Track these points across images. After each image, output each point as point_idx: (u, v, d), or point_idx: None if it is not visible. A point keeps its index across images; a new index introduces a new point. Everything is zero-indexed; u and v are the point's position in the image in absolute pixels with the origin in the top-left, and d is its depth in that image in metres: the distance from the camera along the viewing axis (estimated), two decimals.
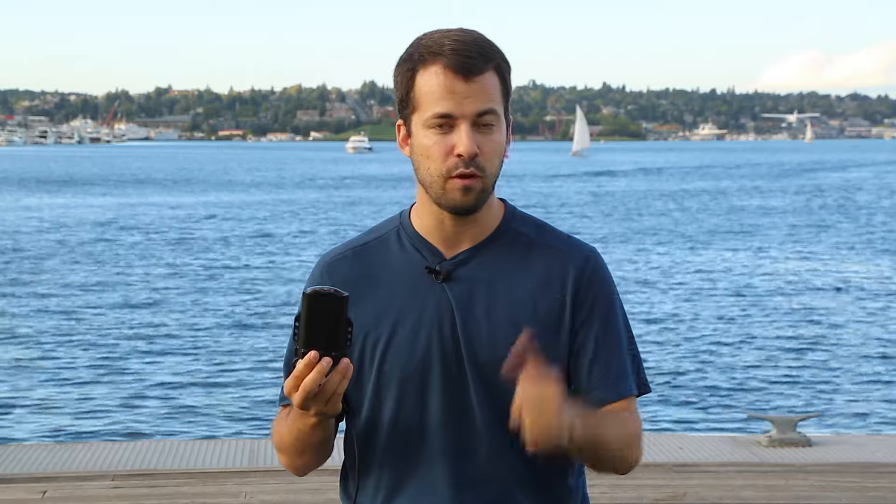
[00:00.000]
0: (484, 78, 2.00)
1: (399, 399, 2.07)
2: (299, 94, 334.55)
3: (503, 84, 2.03)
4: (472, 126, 1.99)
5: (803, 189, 60.52)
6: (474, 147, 1.98)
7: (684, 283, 22.19)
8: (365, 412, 2.10)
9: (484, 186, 2.02)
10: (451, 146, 1.99)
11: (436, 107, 2.00)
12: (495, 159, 2.03)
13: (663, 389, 12.88)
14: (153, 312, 18.33)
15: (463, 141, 1.98)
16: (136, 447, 6.99)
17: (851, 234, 33.75)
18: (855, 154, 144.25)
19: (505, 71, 2.04)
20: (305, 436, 2.01)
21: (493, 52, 2.03)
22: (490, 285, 2.07)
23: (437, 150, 2.00)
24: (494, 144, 2.02)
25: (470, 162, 1.99)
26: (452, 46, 2.00)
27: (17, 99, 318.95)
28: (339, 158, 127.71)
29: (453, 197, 2.01)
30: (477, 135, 2.00)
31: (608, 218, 40.24)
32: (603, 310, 2.09)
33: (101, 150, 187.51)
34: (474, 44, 2.01)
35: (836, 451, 6.84)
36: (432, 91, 2.00)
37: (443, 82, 1.99)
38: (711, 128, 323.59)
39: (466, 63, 1.99)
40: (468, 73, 1.99)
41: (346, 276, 2.12)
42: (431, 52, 2.01)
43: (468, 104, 1.99)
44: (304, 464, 2.10)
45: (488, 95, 2.00)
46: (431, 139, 2.01)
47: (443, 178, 2.01)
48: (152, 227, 35.59)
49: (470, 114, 1.99)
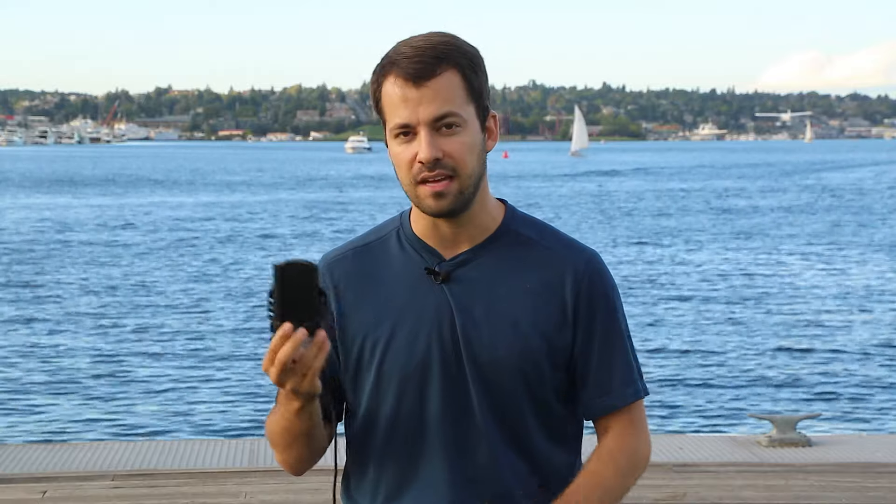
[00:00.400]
0: (438, 81, 1.98)
1: (398, 399, 2.07)
2: (299, 94, 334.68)
3: (467, 82, 2.01)
4: (431, 131, 1.98)
5: (803, 189, 60.51)
6: (434, 152, 1.97)
7: (684, 282, 22.19)
8: (364, 412, 2.10)
9: (460, 188, 2.00)
10: (414, 153, 1.99)
11: (395, 117, 2.00)
12: (468, 159, 2.00)
13: (664, 389, 12.88)
14: (154, 312, 18.33)
15: (421, 147, 1.98)
16: (136, 447, 6.98)
17: (852, 234, 33.75)
18: (856, 154, 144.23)
19: (468, 68, 2.01)
20: (291, 424, 1.99)
21: (451, 52, 2.00)
22: (490, 286, 2.06)
23: (403, 158, 2.00)
24: (459, 145, 1.99)
25: (434, 166, 1.98)
26: (406, 53, 1.99)
27: (17, 99, 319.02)
28: (338, 158, 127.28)
29: (427, 203, 2.01)
30: (439, 138, 1.98)
31: (606, 217, 40.23)
32: (604, 314, 2.08)
33: (101, 150, 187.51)
34: (430, 47, 1.99)
35: (836, 451, 6.83)
36: (391, 101, 2.00)
37: (397, 91, 1.99)
38: (711, 128, 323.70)
39: (415, 69, 1.97)
40: (418, 78, 1.97)
41: (346, 275, 2.12)
42: (390, 61, 2.00)
43: (422, 110, 1.97)
44: (295, 459, 2.08)
45: (444, 98, 1.98)
46: (398, 148, 2.01)
47: (413, 185, 2.00)
48: (154, 227, 35.58)
49: (425, 119, 1.98)
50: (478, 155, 2.02)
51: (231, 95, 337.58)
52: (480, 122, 2.04)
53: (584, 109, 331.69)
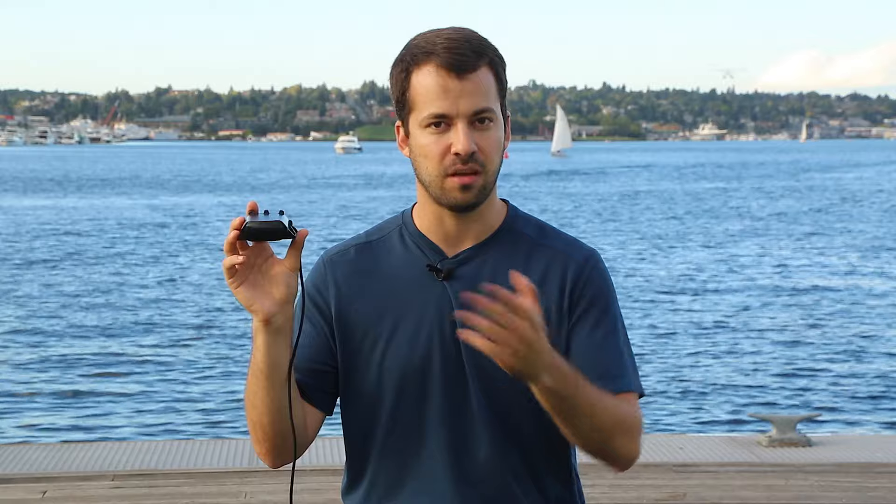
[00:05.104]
0: (477, 75, 2.00)
1: (399, 395, 2.07)
2: (299, 94, 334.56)
3: (498, 80, 2.03)
4: (469, 124, 2.00)
5: (804, 189, 60.52)
6: (472, 145, 1.99)
7: (684, 282, 22.19)
8: (363, 407, 2.10)
9: (484, 183, 2.02)
10: (447, 145, 2.00)
11: (431, 107, 2.00)
12: (495, 156, 2.03)
13: (663, 389, 12.88)
14: (154, 312, 18.33)
15: (460, 139, 1.98)
16: (136, 447, 6.98)
17: (852, 234, 33.74)
18: (853, 154, 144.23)
19: (499, 67, 2.04)
20: (257, 364, 1.97)
21: (486, 48, 2.02)
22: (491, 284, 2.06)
23: (434, 149, 2.01)
24: (492, 141, 2.02)
25: (468, 159, 1.99)
26: (445, 45, 1.99)
27: (17, 99, 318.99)
28: (329, 160, 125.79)
29: (453, 195, 2.01)
30: (474, 132, 2.00)
31: (603, 217, 40.26)
32: (600, 310, 2.07)
33: (101, 150, 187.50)
34: (466, 41, 2.00)
35: (836, 451, 6.83)
36: (427, 91, 2.00)
37: (436, 81, 1.99)
38: (711, 128, 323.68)
39: (459, 61, 1.99)
40: (461, 70, 1.99)
41: (348, 271, 2.13)
42: (424, 51, 2.01)
43: (463, 103, 1.99)
44: (264, 431, 2.01)
45: (483, 93, 2.00)
46: (428, 139, 2.01)
47: (441, 177, 2.01)
48: (155, 227, 35.58)
49: (465, 112, 1.99)
50: (500, 152, 2.05)
51: (231, 95, 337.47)
52: (504, 121, 2.06)
53: (585, 109, 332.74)
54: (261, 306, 1.94)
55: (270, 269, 1.96)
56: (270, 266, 1.96)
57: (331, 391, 2.12)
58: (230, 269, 1.93)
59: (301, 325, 2.03)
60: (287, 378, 2.00)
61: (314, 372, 2.09)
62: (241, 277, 1.94)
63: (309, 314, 2.11)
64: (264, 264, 1.96)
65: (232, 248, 1.92)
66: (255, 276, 1.95)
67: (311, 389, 2.09)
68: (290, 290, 1.96)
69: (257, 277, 1.96)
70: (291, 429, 2.01)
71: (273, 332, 1.96)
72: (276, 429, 2.02)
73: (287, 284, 1.95)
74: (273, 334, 1.96)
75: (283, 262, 1.96)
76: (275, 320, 1.95)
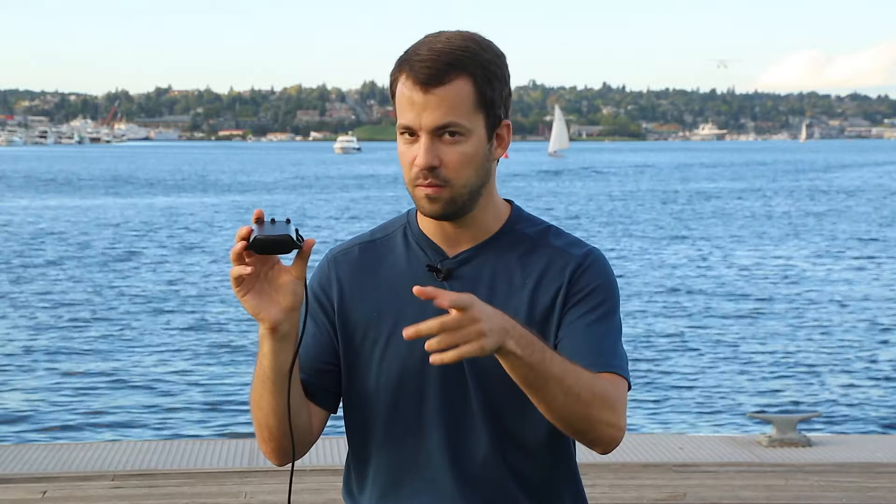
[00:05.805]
0: (447, 88, 1.97)
1: (397, 395, 2.08)
2: (299, 94, 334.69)
3: (478, 91, 2.00)
4: (432, 138, 1.99)
5: (804, 189, 60.52)
6: (431, 159, 1.98)
7: (684, 282, 22.19)
8: (365, 407, 2.11)
9: (452, 196, 2.01)
10: (415, 156, 2.00)
11: (401, 117, 2.01)
12: (463, 170, 2.00)
13: (663, 389, 12.88)
14: (154, 312, 18.33)
15: (420, 153, 1.99)
16: (136, 447, 6.98)
17: (852, 234, 33.74)
18: (852, 154, 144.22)
19: (481, 77, 2.00)
20: (263, 369, 1.99)
21: (467, 59, 1.98)
22: (490, 284, 2.07)
23: (405, 158, 2.02)
24: (458, 155, 1.99)
25: (428, 173, 1.99)
26: (420, 56, 1.99)
27: (17, 99, 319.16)
28: (327, 160, 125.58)
29: (422, 204, 2.03)
30: (440, 146, 1.99)
31: (603, 217, 40.26)
32: (595, 299, 2.05)
33: (101, 150, 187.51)
34: (446, 52, 1.98)
35: (836, 451, 6.83)
36: (400, 101, 2.01)
37: (405, 93, 2.00)
38: (711, 128, 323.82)
39: (426, 74, 1.97)
40: (427, 84, 1.97)
41: (350, 269, 2.14)
42: (405, 60, 2.01)
43: (426, 116, 1.98)
44: (270, 432, 2.04)
45: (449, 107, 1.97)
46: (402, 147, 2.03)
47: (411, 185, 2.02)
48: (156, 228, 35.59)
49: (427, 126, 1.98)
50: (478, 165, 2.02)
51: (231, 95, 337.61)
52: (489, 131, 2.03)
53: (585, 109, 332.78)
54: (267, 314, 1.95)
55: (277, 277, 1.96)
56: (277, 274, 1.96)
57: (334, 390, 2.13)
58: (237, 278, 1.94)
59: (304, 325, 2.03)
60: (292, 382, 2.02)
61: (318, 371, 2.11)
62: (247, 286, 1.95)
63: (313, 313, 2.12)
64: (270, 272, 1.96)
65: (239, 259, 1.92)
66: (261, 285, 1.96)
67: (316, 388, 2.11)
68: (297, 299, 1.96)
69: (264, 286, 1.96)
70: (290, 431, 2.03)
71: (279, 338, 1.97)
72: (282, 430, 2.04)
73: (293, 293, 1.96)
74: (279, 341, 1.97)
75: (290, 270, 1.96)
76: (281, 328, 1.96)
